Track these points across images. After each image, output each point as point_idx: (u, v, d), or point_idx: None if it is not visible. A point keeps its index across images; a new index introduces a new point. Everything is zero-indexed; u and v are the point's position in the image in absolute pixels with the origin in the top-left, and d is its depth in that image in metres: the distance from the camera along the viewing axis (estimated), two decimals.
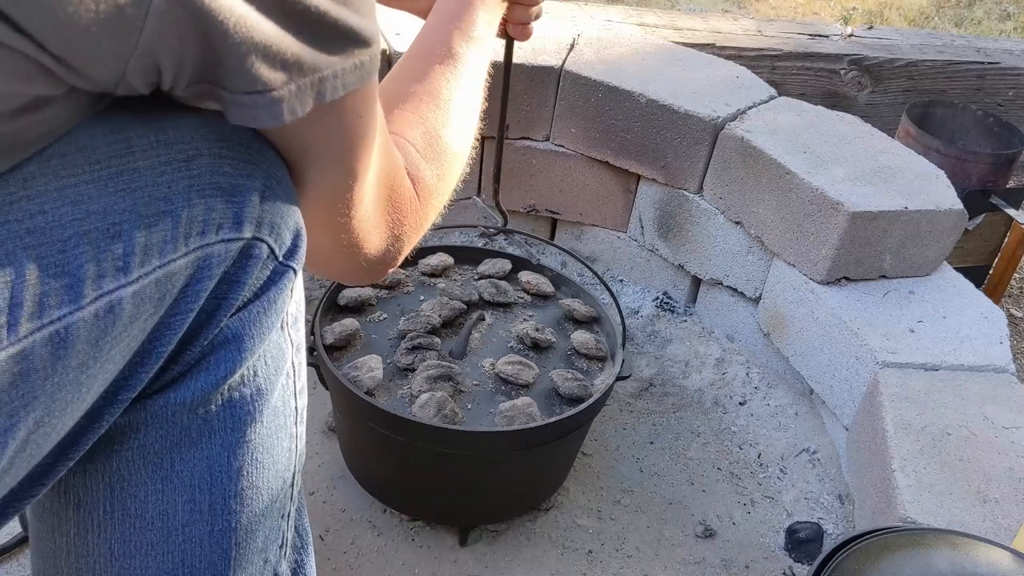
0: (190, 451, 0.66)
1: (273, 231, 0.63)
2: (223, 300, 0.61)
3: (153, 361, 0.59)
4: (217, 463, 0.67)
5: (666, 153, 1.76)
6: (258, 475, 0.70)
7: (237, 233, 0.59)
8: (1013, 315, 2.33)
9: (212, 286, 0.59)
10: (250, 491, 0.70)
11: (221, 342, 0.63)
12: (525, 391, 1.30)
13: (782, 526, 1.47)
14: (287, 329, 0.70)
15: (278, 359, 0.69)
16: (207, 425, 0.65)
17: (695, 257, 1.81)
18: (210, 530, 0.69)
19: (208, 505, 0.68)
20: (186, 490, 0.67)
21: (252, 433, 0.68)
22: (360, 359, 1.28)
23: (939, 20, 4.05)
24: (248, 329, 0.64)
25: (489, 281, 1.48)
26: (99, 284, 0.52)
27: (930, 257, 1.59)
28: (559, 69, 1.80)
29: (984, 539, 0.93)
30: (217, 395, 0.65)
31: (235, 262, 0.61)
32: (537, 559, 1.37)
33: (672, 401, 1.71)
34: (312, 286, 1.83)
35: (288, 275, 0.66)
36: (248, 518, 0.71)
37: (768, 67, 2.48)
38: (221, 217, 0.58)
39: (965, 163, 2.04)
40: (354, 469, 1.40)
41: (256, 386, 0.67)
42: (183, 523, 0.68)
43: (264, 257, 0.63)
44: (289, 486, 0.76)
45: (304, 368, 0.75)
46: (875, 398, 1.36)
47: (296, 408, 0.74)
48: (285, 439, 0.73)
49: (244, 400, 0.67)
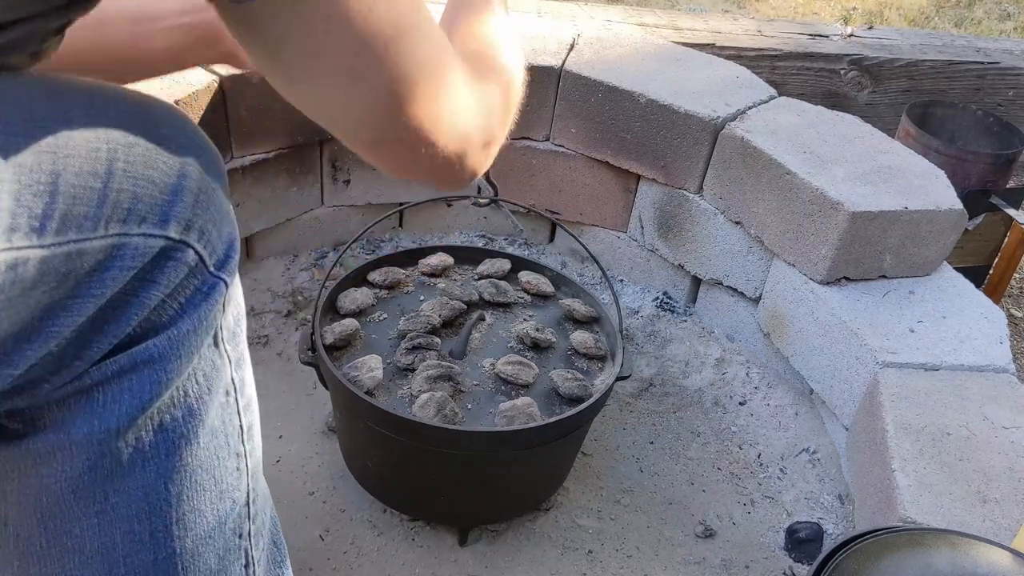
0: (123, 481, 0.64)
1: (203, 237, 0.61)
2: (134, 297, 0.59)
3: (41, 341, 0.55)
4: (154, 491, 0.65)
5: (666, 153, 1.76)
6: (200, 498, 0.68)
7: (161, 231, 0.58)
8: (1013, 315, 2.33)
9: (124, 279, 0.57)
10: (192, 515, 0.68)
11: (143, 361, 0.60)
12: (525, 391, 1.29)
13: (782, 526, 1.47)
14: (223, 345, 0.67)
15: (211, 377, 0.66)
16: (139, 453, 0.63)
17: (695, 257, 1.81)
18: (153, 559, 0.67)
19: (148, 534, 0.66)
20: (124, 521, 0.65)
21: (188, 456, 0.66)
22: (360, 359, 1.28)
23: (939, 20, 4.05)
24: (174, 348, 0.61)
25: (489, 281, 1.48)
26: (9, 237, 0.50)
27: (930, 257, 1.59)
28: (559, 69, 1.80)
29: (984, 539, 0.93)
30: (146, 420, 0.62)
31: (153, 260, 0.58)
32: (537, 559, 1.37)
33: (672, 401, 1.71)
34: (312, 286, 1.83)
35: (219, 288, 0.63)
36: (193, 542, 0.69)
37: (768, 67, 2.48)
38: (147, 210, 0.57)
39: (965, 163, 2.04)
40: (354, 469, 1.40)
41: (188, 407, 0.65)
42: (123, 555, 0.66)
43: (192, 265, 0.61)
44: (243, 505, 0.73)
45: (249, 383, 0.73)
46: (875, 398, 1.36)
47: (241, 426, 0.72)
48: (229, 458, 0.70)
49: (176, 423, 0.64)
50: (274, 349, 1.69)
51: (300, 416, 1.56)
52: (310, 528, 1.37)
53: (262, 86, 1.63)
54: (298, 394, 1.60)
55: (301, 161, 1.78)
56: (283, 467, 1.46)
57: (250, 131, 1.67)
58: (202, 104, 1.55)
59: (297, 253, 1.89)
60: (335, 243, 1.93)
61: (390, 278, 1.46)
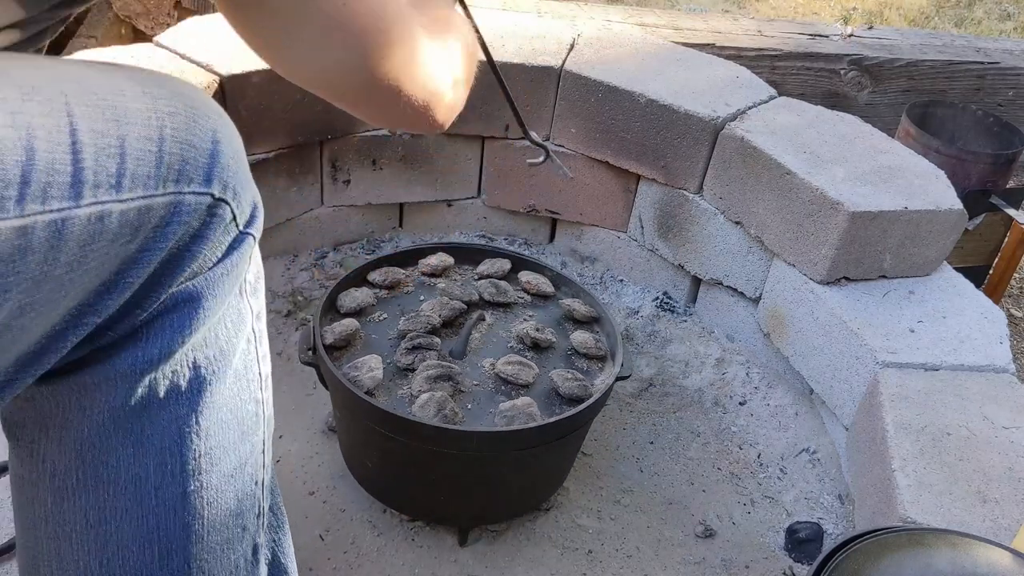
0: (159, 413, 0.69)
1: (236, 197, 0.68)
2: (186, 252, 0.66)
3: (119, 291, 0.63)
4: (186, 424, 0.70)
5: (666, 153, 1.76)
6: (225, 435, 0.73)
7: (207, 188, 0.65)
8: (1013, 315, 2.33)
9: (180, 233, 0.64)
10: (218, 451, 0.73)
11: (183, 300, 0.67)
12: (525, 391, 1.30)
13: (782, 526, 1.47)
14: (246, 296, 0.75)
15: (238, 323, 0.73)
16: (174, 387, 0.69)
17: (695, 257, 1.81)
18: (182, 491, 0.71)
19: (179, 466, 0.71)
20: (157, 453, 0.69)
21: (217, 394, 0.72)
22: (360, 359, 1.28)
23: (939, 20, 4.05)
24: (209, 290, 0.68)
25: (489, 281, 1.48)
26: (95, 192, 0.57)
27: (930, 257, 1.59)
28: (559, 69, 1.80)
29: (984, 539, 0.93)
30: (183, 355, 0.68)
31: (202, 217, 0.65)
32: (537, 559, 1.37)
33: (672, 401, 1.71)
34: (312, 286, 1.83)
35: (248, 242, 0.71)
36: (218, 479, 0.73)
37: (768, 67, 2.48)
38: (193, 171, 0.64)
39: (965, 163, 2.04)
40: (354, 469, 1.40)
41: (219, 348, 0.71)
42: (155, 486, 0.70)
43: (227, 221, 0.68)
44: (260, 452, 0.79)
45: (265, 337, 0.80)
46: (875, 398, 1.36)
47: (260, 374, 0.78)
48: (250, 403, 0.76)
49: (208, 361, 0.70)
50: (274, 349, 1.69)
51: (300, 416, 1.56)
52: (310, 528, 1.37)
53: (262, 86, 1.63)
54: (298, 394, 1.60)
55: (301, 161, 1.78)
56: (283, 467, 1.46)
57: (250, 131, 1.67)
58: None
59: (297, 253, 1.89)
60: (335, 243, 1.93)
61: (390, 278, 1.46)
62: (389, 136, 1.83)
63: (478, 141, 1.89)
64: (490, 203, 1.98)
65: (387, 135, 1.83)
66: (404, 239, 1.98)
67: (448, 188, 1.95)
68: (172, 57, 1.62)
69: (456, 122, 0.88)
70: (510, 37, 1.89)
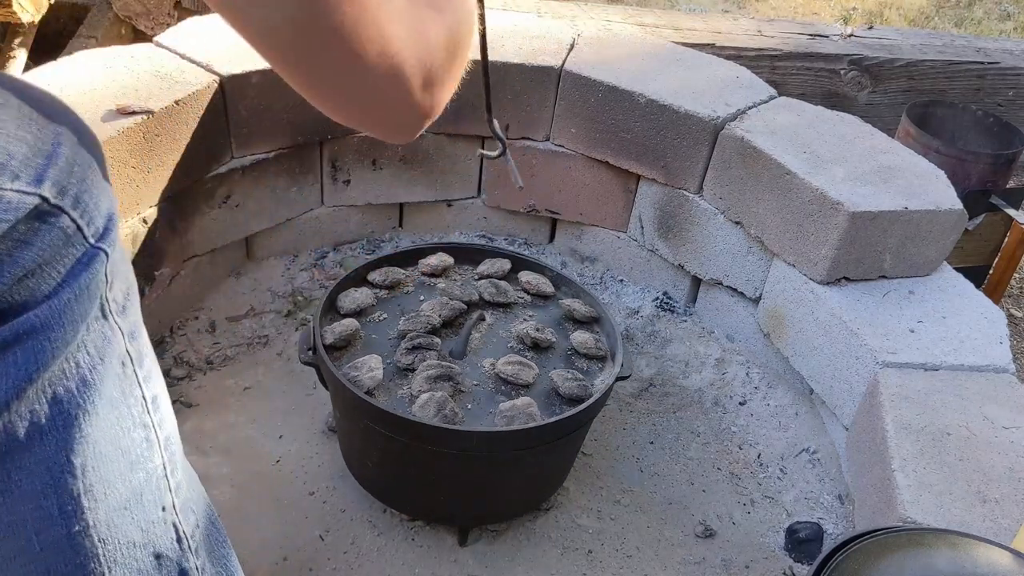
0: (23, 457, 0.64)
1: (79, 206, 0.62)
2: (7, 256, 0.59)
3: None
4: (56, 464, 0.65)
5: (666, 153, 1.76)
6: (107, 468, 0.68)
7: (35, 188, 0.59)
8: (1013, 315, 2.33)
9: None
10: (101, 486, 0.68)
11: (25, 332, 0.61)
12: (525, 391, 1.29)
13: (782, 526, 1.47)
14: (112, 316, 0.68)
15: (103, 348, 0.67)
16: (35, 427, 0.63)
17: (695, 257, 1.81)
18: (66, 533, 0.67)
19: (57, 509, 0.66)
20: (30, 498, 0.65)
21: (88, 427, 0.67)
22: (360, 359, 1.28)
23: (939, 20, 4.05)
24: (57, 317, 0.62)
25: (489, 281, 1.48)
26: None
27: (930, 257, 1.59)
28: (559, 69, 1.80)
29: (984, 539, 0.93)
30: (37, 392, 0.63)
31: (27, 220, 0.60)
32: (537, 559, 1.37)
33: (672, 401, 1.71)
34: (312, 286, 1.83)
35: (99, 258, 0.65)
36: (107, 513, 0.69)
37: (768, 67, 2.48)
38: (20, 168, 0.58)
39: (965, 163, 2.04)
40: (354, 469, 1.40)
41: (80, 377, 0.65)
42: (35, 531, 0.66)
43: (69, 233, 0.62)
44: (161, 477, 0.74)
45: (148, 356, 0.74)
46: (875, 398, 1.36)
47: (144, 397, 0.72)
48: (136, 429, 0.71)
49: (71, 394, 0.65)
50: (274, 349, 1.69)
51: (300, 416, 1.56)
52: (310, 528, 1.37)
53: (262, 86, 1.63)
54: (298, 394, 1.60)
55: (301, 161, 1.78)
56: (283, 467, 1.46)
57: (250, 131, 1.67)
58: (202, 104, 1.55)
59: (297, 253, 1.89)
60: (335, 243, 1.93)
61: (390, 278, 1.46)
62: None
63: (478, 141, 1.88)
64: (490, 203, 1.98)
65: None
66: (404, 239, 1.98)
67: (448, 188, 1.95)
68: (172, 57, 1.62)
69: (456, 122, 0.80)
70: (510, 37, 1.89)
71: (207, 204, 1.66)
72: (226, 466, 1.45)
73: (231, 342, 1.68)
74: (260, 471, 1.45)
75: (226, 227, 1.72)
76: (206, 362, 1.63)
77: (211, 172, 1.64)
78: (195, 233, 1.65)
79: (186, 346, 1.64)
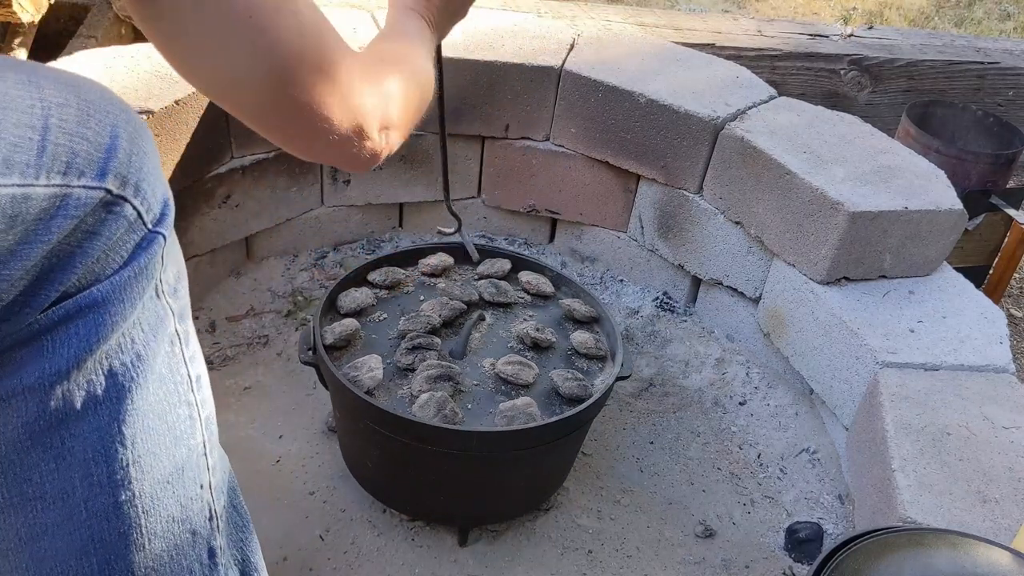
0: (78, 425, 0.67)
1: (139, 194, 0.65)
2: (78, 248, 0.63)
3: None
4: (108, 433, 0.68)
5: (666, 153, 1.76)
6: (154, 441, 0.71)
7: (99, 183, 0.62)
8: (1013, 315, 2.33)
9: (68, 227, 0.61)
10: (148, 458, 0.71)
11: (87, 305, 0.64)
12: (525, 391, 1.30)
13: (782, 526, 1.47)
14: (164, 297, 0.71)
15: (156, 326, 0.70)
16: (91, 397, 0.66)
17: (695, 257, 1.81)
18: (113, 502, 0.69)
19: (107, 477, 0.69)
20: (81, 465, 0.67)
21: (140, 400, 0.69)
22: (360, 359, 1.28)
23: (939, 20, 4.05)
24: (117, 294, 0.66)
25: (489, 281, 1.48)
26: None
27: (930, 257, 1.59)
28: (559, 69, 1.80)
29: (984, 539, 0.93)
30: (95, 363, 0.66)
31: (94, 211, 0.63)
32: (537, 559, 1.37)
33: (672, 401, 1.71)
34: (312, 286, 1.83)
35: (158, 242, 0.68)
36: (152, 486, 0.71)
37: (768, 67, 2.48)
38: (84, 164, 0.61)
39: (965, 163, 2.04)
40: (354, 469, 1.40)
41: (135, 352, 0.68)
42: (84, 498, 0.68)
43: (131, 220, 0.65)
44: (200, 455, 0.77)
45: (193, 338, 0.77)
46: (875, 398, 1.36)
47: (189, 376, 0.76)
48: (180, 406, 0.74)
49: (125, 367, 0.68)
50: (274, 349, 1.69)
51: (300, 416, 1.56)
52: (310, 528, 1.37)
53: None
54: (298, 394, 1.60)
55: (301, 161, 1.78)
56: (283, 467, 1.46)
57: (250, 131, 1.65)
58: (202, 104, 1.55)
59: (297, 253, 1.89)
60: (335, 243, 1.93)
61: (390, 278, 1.46)
62: None
63: (478, 141, 1.88)
64: (490, 203, 1.98)
65: None
66: (404, 239, 1.98)
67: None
68: None
69: (457, 122, 0.86)
70: (510, 37, 1.89)
71: (207, 204, 1.66)
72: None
73: (231, 342, 1.68)
74: (260, 471, 1.45)
75: (226, 227, 1.72)
76: (206, 362, 1.63)
77: (211, 172, 1.64)
78: (195, 233, 1.65)
79: None
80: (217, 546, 0.80)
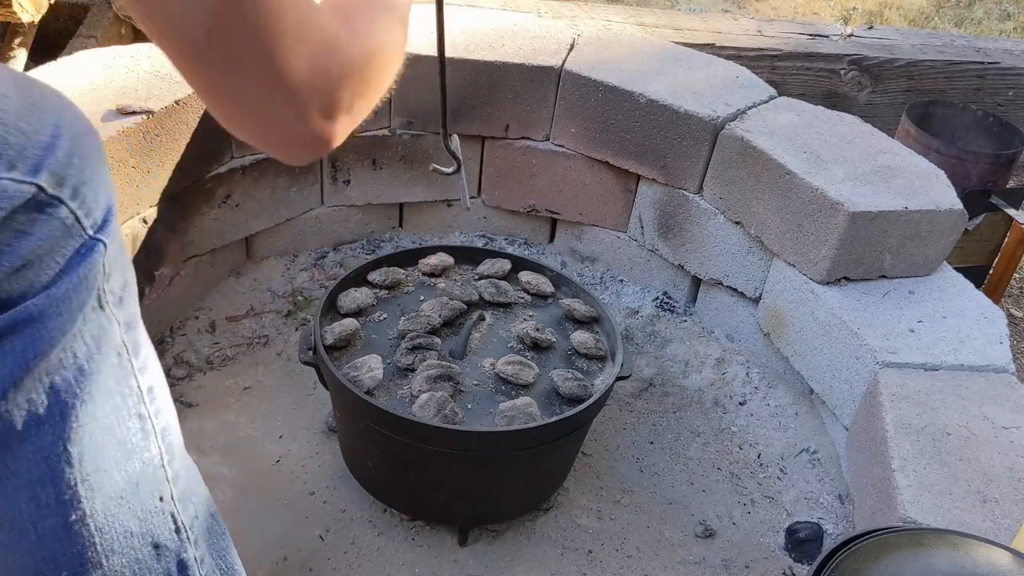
0: (21, 447, 0.64)
1: (77, 197, 0.62)
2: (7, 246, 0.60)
3: None
4: (53, 453, 0.65)
5: (666, 153, 1.76)
6: (104, 458, 0.69)
7: (31, 178, 0.60)
8: (1013, 315, 2.33)
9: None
10: (98, 475, 0.68)
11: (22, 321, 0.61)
12: (525, 391, 1.29)
13: (782, 526, 1.47)
14: (108, 308, 0.68)
15: (100, 338, 0.67)
16: (32, 416, 0.64)
17: (695, 257, 1.81)
18: (63, 523, 0.67)
19: (55, 498, 0.66)
20: (27, 487, 0.65)
21: (85, 416, 0.67)
22: (360, 359, 1.28)
23: (939, 20, 4.05)
24: (55, 307, 0.63)
25: (489, 281, 1.48)
26: None
27: (930, 257, 1.59)
28: (559, 69, 1.80)
29: (984, 539, 0.93)
30: (34, 381, 0.63)
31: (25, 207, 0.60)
32: (537, 559, 1.37)
33: (672, 401, 1.71)
34: (312, 286, 1.83)
35: (98, 249, 0.65)
36: (104, 502, 0.69)
37: (768, 67, 2.48)
38: (16, 157, 0.59)
39: (965, 163, 2.04)
40: (354, 469, 1.40)
41: (78, 367, 0.66)
42: (32, 521, 0.66)
43: (68, 223, 0.62)
44: (158, 467, 0.74)
45: (144, 346, 0.73)
46: (875, 398, 1.36)
47: (139, 387, 0.72)
48: (131, 419, 0.71)
49: (68, 383, 0.65)
50: (274, 349, 1.69)
51: (300, 416, 1.56)
52: (310, 528, 1.37)
53: None
54: (298, 394, 1.60)
55: None
56: (283, 467, 1.46)
57: None
58: (202, 104, 1.55)
59: (297, 253, 1.89)
60: (335, 243, 1.93)
61: (390, 278, 1.46)
62: (389, 135, 1.83)
63: (478, 141, 1.88)
64: (490, 203, 1.98)
65: (387, 134, 1.83)
66: (404, 239, 1.98)
67: (448, 188, 1.95)
68: None
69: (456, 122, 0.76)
70: (510, 37, 1.89)
71: (207, 204, 1.66)
72: (226, 466, 1.45)
73: (231, 342, 1.68)
74: (260, 471, 1.45)
75: (226, 227, 1.72)
76: (206, 362, 1.63)
77: (211, 172, 1.64)
78: (195, 233, 1.65)
79: (186, 346, 1.64)
80: (190, 558, 0.77)
